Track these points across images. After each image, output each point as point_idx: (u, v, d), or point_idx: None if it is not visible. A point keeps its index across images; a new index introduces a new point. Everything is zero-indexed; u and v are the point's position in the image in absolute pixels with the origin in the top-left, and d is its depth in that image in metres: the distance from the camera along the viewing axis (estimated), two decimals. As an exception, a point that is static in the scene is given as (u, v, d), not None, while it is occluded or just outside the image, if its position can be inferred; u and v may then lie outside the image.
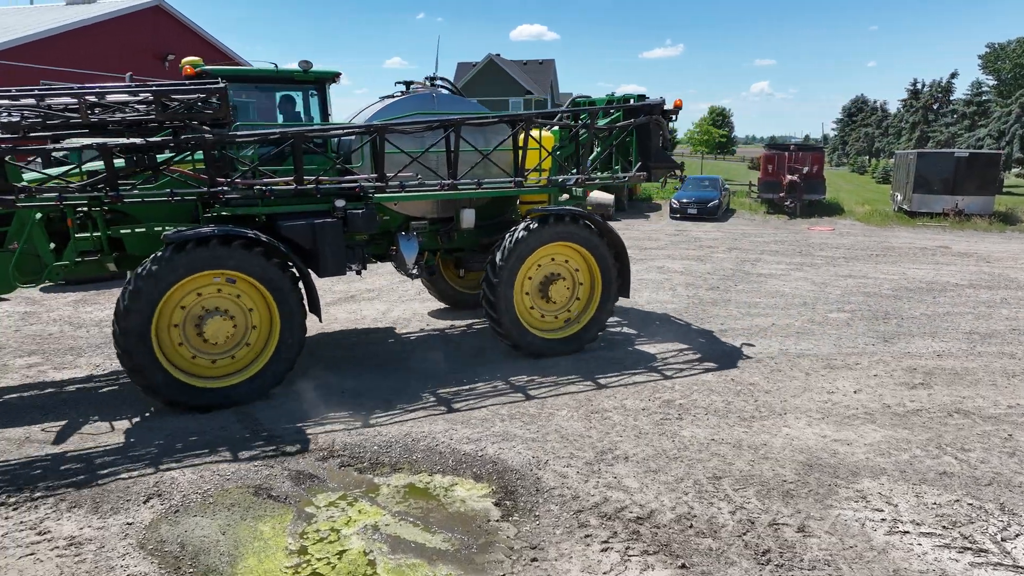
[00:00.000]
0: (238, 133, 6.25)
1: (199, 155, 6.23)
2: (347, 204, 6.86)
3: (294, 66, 7.26)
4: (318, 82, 7.43)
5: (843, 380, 6.87)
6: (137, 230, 6.40)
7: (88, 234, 6.23)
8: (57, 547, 3.97)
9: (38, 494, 4.56)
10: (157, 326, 5.78)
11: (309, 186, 6.52)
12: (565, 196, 8.23)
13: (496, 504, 4.49)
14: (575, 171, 8.00)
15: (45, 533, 4.10)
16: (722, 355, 7.66)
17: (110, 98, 5.85)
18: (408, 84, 8.13)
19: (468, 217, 7.73)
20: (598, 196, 21.14)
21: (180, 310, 5.88)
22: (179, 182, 6.23)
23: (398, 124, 6.93)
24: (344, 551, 3.97)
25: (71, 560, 3.85)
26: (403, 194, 7.03)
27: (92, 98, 5.71)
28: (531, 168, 7.59)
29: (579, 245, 7.39)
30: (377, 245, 7.66)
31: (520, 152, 7.41)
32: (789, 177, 23.29)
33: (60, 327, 8.81)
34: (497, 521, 4.29)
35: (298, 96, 7.54)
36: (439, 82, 8.17)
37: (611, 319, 9.08)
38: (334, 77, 7.57)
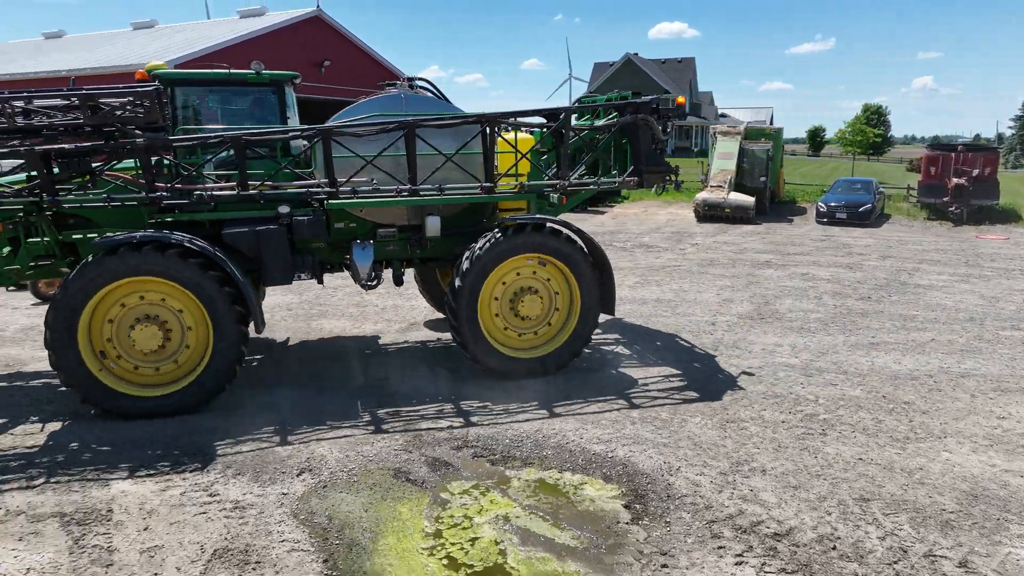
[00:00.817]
0: (174, 137, 6.26)
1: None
2: (292, 210, 6.58)
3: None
4: (274, 84, 7.38)
5: (1018, 405, 6.21)
6: (90, 235, 6.32)
7: (39, 239, 6.39)
8: (224, 508, 4.40)
9: (209, 461, 5.07)
10: (90, 329, 5.75)
11: (252, 191, 6.31)
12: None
13: (626, 507, 4.46)
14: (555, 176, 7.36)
15: (215, 495, 4.56)
16: (872, 370, 7.15)
17: (39, 103, 5.99)
18: (390, 85, 7.70)
19: (432, 225, 7.01)
20: (737, 198, 20.35)
21: (119, 308, 5.81)
22: (120, 187, 6.26)
23: (347, 126, 6.58)
24: (476, 538, 4.10)
25: (236, 521, 4.25)
26: (356, 200, 6.60)
27: (19, 103, 5.86)
28: (504, 173, 7.00)
29: (551, 257, 6.70)
30: (340, 253, 7.19)
31: (489, 156, 6.80)
32: (955, 180, 21.26)
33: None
34: (627, 524, 4.27)
35: (268, 98, 7.38)
36: (420, 83, 7.81)
37: (741, 323, 8.73)
38: (291, 80, 7.56)
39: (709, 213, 20.48)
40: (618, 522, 4.29)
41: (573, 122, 7.40)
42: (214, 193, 6.30)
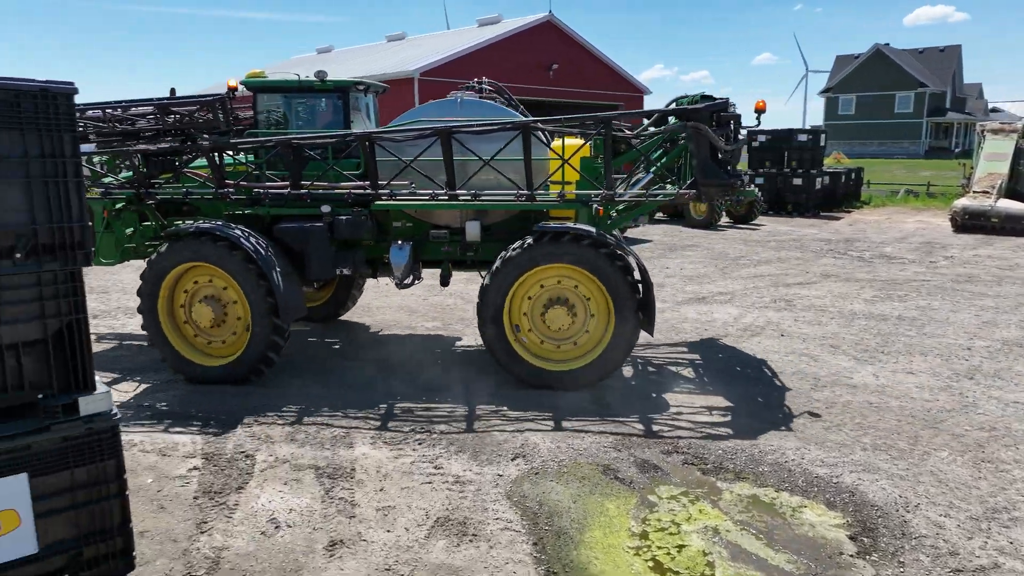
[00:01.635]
0: (235, 140, 7.20)
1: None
2: (334, 210, 7.02)
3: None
4: (338, 91, 7.90)
5: None
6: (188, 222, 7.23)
7: (151, 223, 7.71)
8: (447, 481, 4.78)
9: (435, 437, 5.54)
10: (171, 301, 6.82)
11: (301, 191, 6.90)
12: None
13: (851, 538, 4.11)
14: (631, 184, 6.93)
15: (439, 468, 4.98)
16: None
17: (133, 111, 7.45)
18: (469, 89, 7.84)
19: (472, 229, 7.02)
20: (1009, 206, 17.55)
21: (183, 293, 6.82)
22: (198, 183, 7.33)
23: (386, 131, 6.94)
24: (683, 546, 4.04)
25: (456, 495, 4.61)
26: (394, 203, 6.91)
27: (116, 111, 7.36)
28: (545, 180, 6.75)
29: (582, 268, 6.28)
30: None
31: (528, 163, 6.56)
32: None
33: (455, 300, 10.46)
34: (851, 556, 3.93)
35: (334, 104, 7.94)
36: (486, 86, 7.78)
37: (1006, 350, 7.54)
38: (354, 86, 8.01)
39: (970, 223, 17.90)
40: (841, 553, 3.96)
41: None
42: (269, 191, 7.06)
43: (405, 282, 7.41)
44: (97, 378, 2.65)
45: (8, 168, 2.32)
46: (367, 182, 7.01)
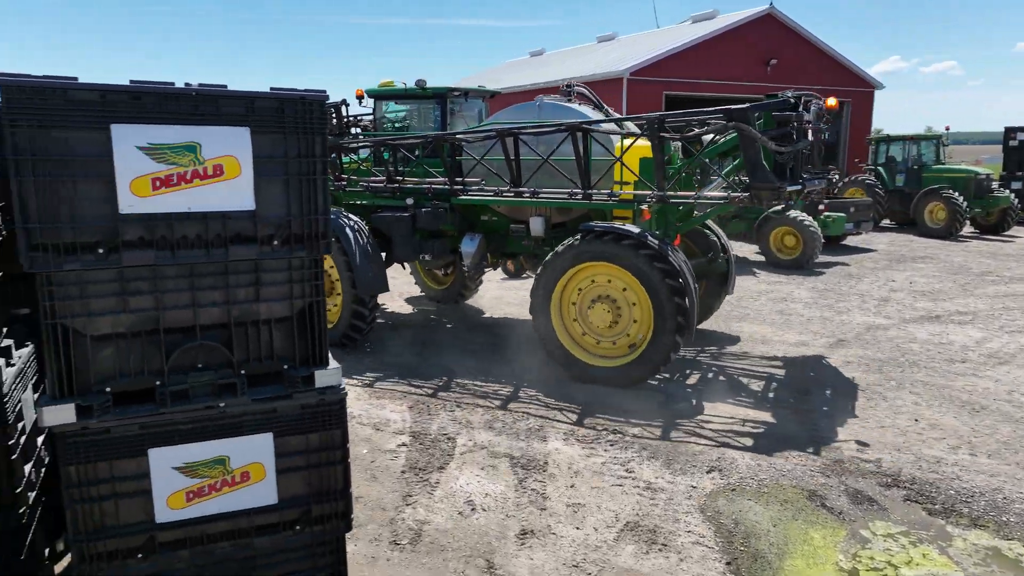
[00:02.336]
0: (345, 141, 8.67)
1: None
2: (417, 202, 8.11)
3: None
4: (437, 96, 8.91)
5: None
6: None
7: None
8: (638, 486, 4.72)
9: (628, 439, 5.49)
10: None
11: (392, 185, 8.20)
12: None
13: (1125, 617, 3.42)
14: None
15: (631, 472, 4.92)
16: None
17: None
18: (568, 89, 8.19)
19: (535, 225, 7.62)
20: None
21: None
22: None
23: (459, 133, 7.77)
24: (901, 592, 3.62)
25: (647, 501, 4.53)
26: (466, 198, 7.75)
27: None
28: (596, 182, 6.91)
29: (624, 268, 6.31)
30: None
31: (583, 162, 6.81)
32: None
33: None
34: (1125, 639, 3.27)
35: (434, 108, 9.02)
36: (577, 90, 8.09)
37: None
38: (450, 92, 8.93)
39: None
40: (1110, 633, 3.32)
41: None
42: (371, 185, 8.36)
43: (472, 271, 8.38)
44: (329, 355, 2.97)
45: (273, 167, 2.67)
46: (457, 179, 7.89)
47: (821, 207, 14.44)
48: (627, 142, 6.96)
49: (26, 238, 2.35)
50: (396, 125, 9.53)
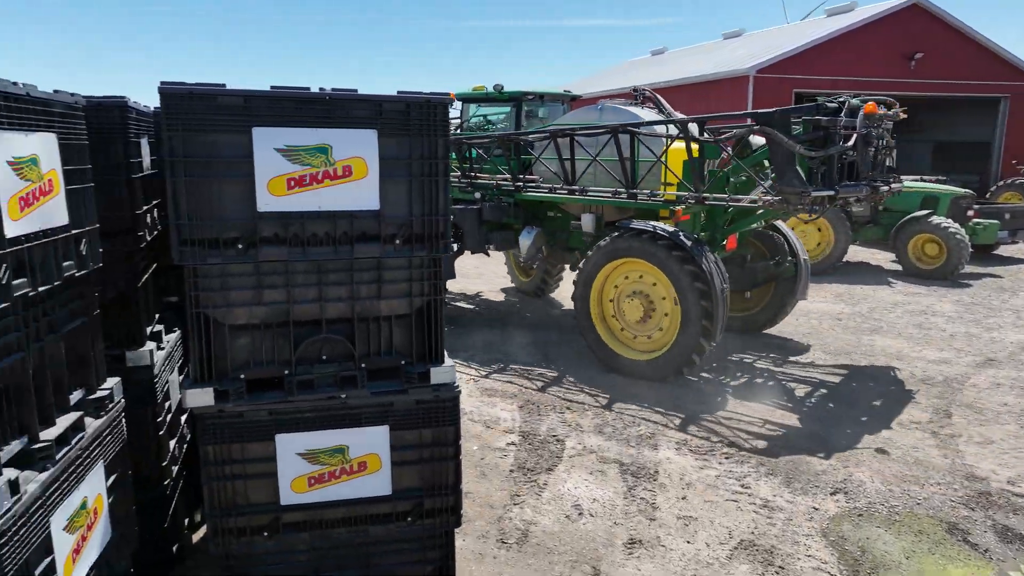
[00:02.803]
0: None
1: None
2: (485, 196, 8.77)
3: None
4: (512, 99, 9.67)
5: None
6: None
7: None
8: (754, 504, 4.50)
9: (744, 452, 5.25)
10: None
11: (463, 180, 8.97)
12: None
13: None
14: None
15: (746, 488, 4.71)
16: None
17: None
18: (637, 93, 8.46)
19: (586, 221, 7.94)
20: None
21: None
22: None
23: (519, 134, 8.45)
24: (1058, 646, 3.24)
25: (763, 520, 4.31)
26: (528, 193, 8.32)
27: None
28: (637, 183, 7.27)
29: (655, 265, 6.58)
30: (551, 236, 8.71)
31: (628, 163, 7.16)
32: None
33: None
34: None
35: (511, 110, 9.78)
36: (644, 93, 8.28)
37: None
38: (524, 95, 9.64)
39: None
40: None
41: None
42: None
43: (528, 262, 9.10)
44: (445, 353, 3.03)
45: (397, 168, 2.75)
46: (519, 176, 8.53)
47: (970, 212, 13.24)
48: (673, 144, 7.06)
49: (177, 234, 2.55)
50: (481, 126, 10.30)
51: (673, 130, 6.92)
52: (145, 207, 3.34)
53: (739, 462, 5.08)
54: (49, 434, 2.28)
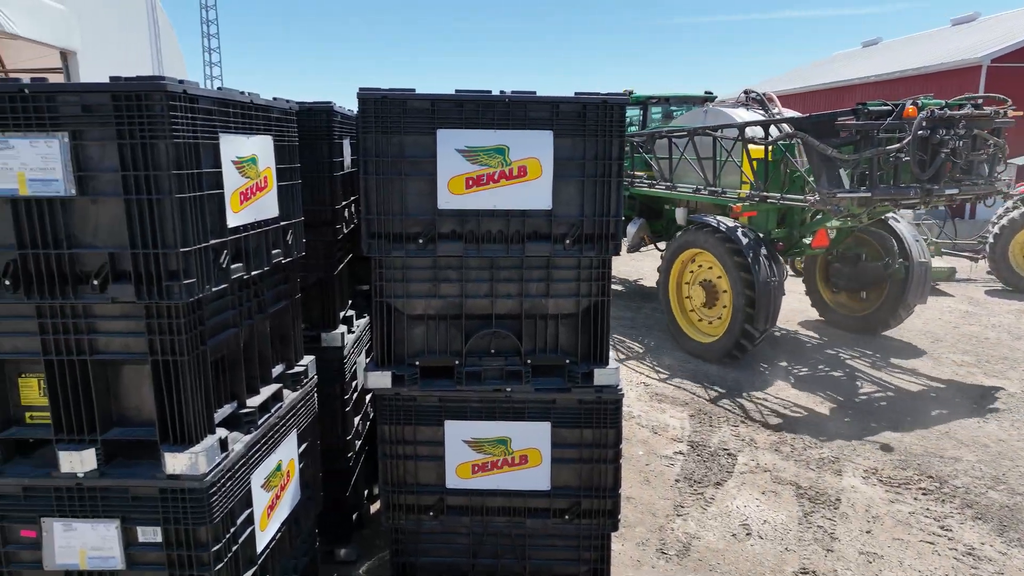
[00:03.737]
0: None
1: None
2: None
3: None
4: (639, 103, 11.19)
5: None
6: None
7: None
8: (955, 549, 3.99)
9: (947, 491, 4.67)
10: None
11: None
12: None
13: None
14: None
15: (947, 530, 4.18)
16: None
17: None
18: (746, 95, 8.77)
19: (679, 214, 8.68)
20: None
21: None
22: None
23: (633, 135, 9.66)
24: None
25: (967, 569, 3.81)
26: (636, 188, 9.54)
27: None
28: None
29: (714, 256, 7.25)
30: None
31: (708, 161, 7.97)
32: None
33: (998, 333, 8.60)
34: None
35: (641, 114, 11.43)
36: (753, 96, 8.56)
37: None
38: (648, 99, 11.19)
39: None
40: None
41: None
42: None
43: (633, 248, 9.96)
44: (612, 354, 3.01)
45: (571, 168, 2.78)
46: (631, 172, 9.65)
47: None
48: (750, 146, 7.49)
49: (366, 227, 2.77)
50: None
51: (759, 131, 7.39)
52: (344, 202, 3.66)
53: (939, 500, 4.53)
54: (254, 401, 2.59)
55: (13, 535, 2.23)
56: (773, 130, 7.04)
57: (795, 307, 9.37)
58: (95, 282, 2.06)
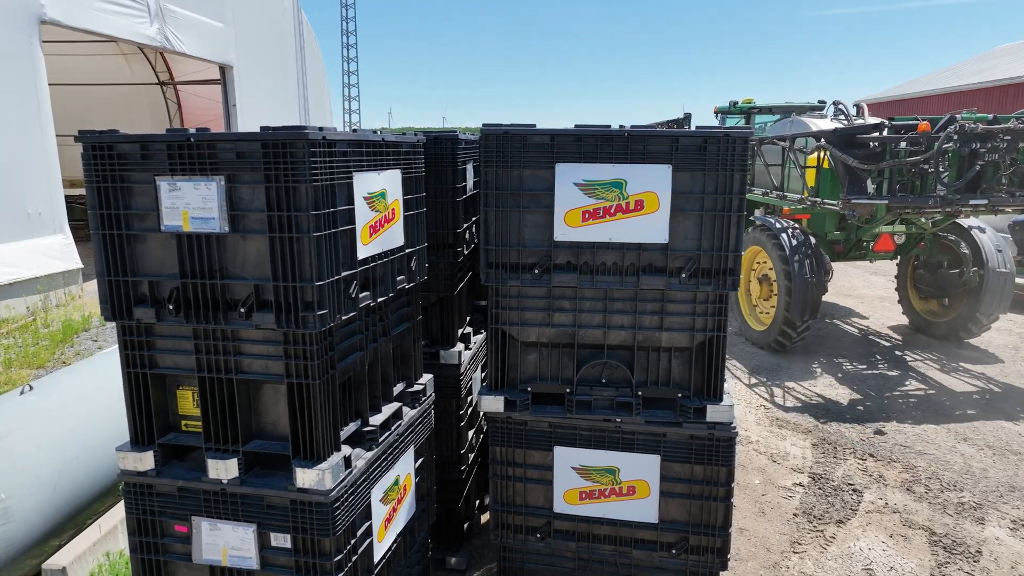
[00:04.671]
0: None
1: None
2: None
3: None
4: (742, 112, 12.45)
5: None
6: None
7: None
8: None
9: (1111, 552, 4.18)
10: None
11: None
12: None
13: None
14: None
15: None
16: None
17: None
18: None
19: (756, 215, 9.38)
20: None
21: None
22: None
23: None
24: None
25: None
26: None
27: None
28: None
29: (767, 253, 7.96)
30: None
31: (779, 168, 8.74)
32: None
33: None
34: None
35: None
36: (839, 107, 8.48)
37: None
38: (749, 109, 12.35)
39: None
40: None
41: None
42: None
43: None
44: (726, 388, 2.95)
45: (689, 202, 2.75)
46: None
47: None
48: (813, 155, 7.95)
49: (485, 256, 2.88)
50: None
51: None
52: (465, 224, 3.80)
53: (1101, 563, 4.07)
54: (376, 419, 2.76)
55: (169, 529, 2.51)
56: (811, 141, 7.91)
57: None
58: (242, 310, 2.28)
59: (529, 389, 2.99)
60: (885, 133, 6.91)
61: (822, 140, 7.36)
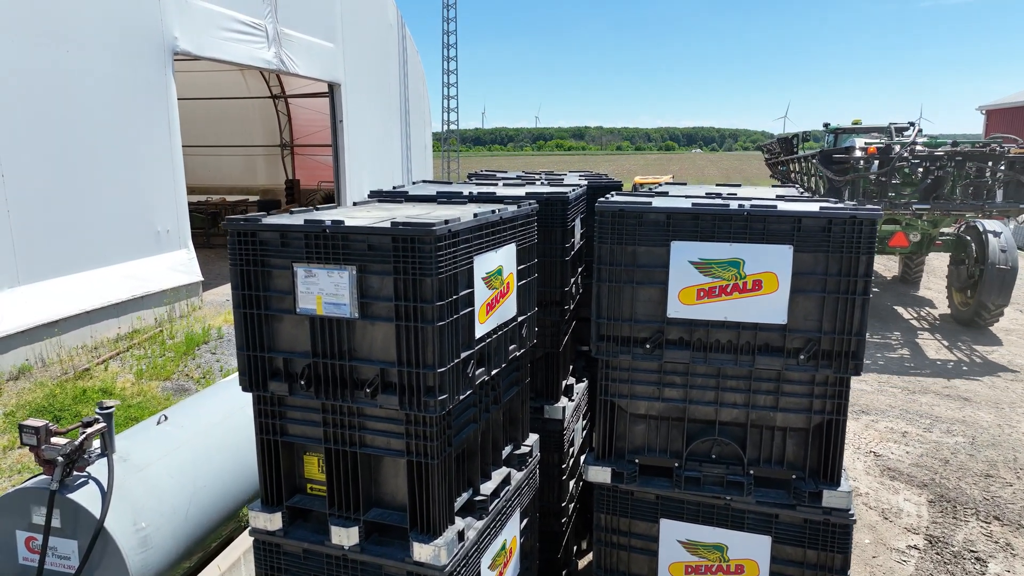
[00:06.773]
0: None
1: None
2: None
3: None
4: (831, 132, 14.35)
5: None
6: None
7: None
8: None
9: None
10: None
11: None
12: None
13: None
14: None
15: None
16: None
17: None
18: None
19: None
20: None
21: None
22: None
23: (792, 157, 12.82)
24: None
25: None
26: None
27: None
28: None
29: None
30: None
31: (815, 180, 10.18)
32: None
33: None
34: None
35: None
36: (895, 127, 12.26)
37: None
38: (838, 129, 14.32)
39: None
40: None
41: None
42: None
43: None
44: (844, 475, 2.84)
45: (811, 283, 2.67)
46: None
47: None
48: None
49: (596, 330, 2.89)
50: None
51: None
52: (572, 279, 3.83)
53: None
54: (486, 488, 2.83)
55: (293, 586, 2.67)
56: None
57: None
58: (368, 390, 2.39)
59: (637, 461, 2.99)
60: (856, 154, 9.11)
61: (814, 159, 9.60)
